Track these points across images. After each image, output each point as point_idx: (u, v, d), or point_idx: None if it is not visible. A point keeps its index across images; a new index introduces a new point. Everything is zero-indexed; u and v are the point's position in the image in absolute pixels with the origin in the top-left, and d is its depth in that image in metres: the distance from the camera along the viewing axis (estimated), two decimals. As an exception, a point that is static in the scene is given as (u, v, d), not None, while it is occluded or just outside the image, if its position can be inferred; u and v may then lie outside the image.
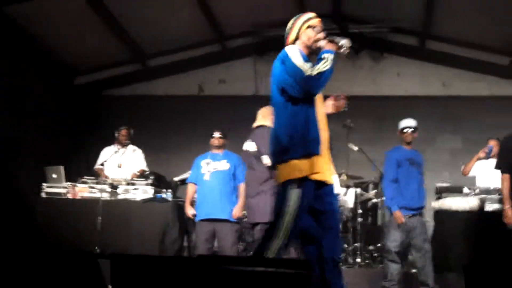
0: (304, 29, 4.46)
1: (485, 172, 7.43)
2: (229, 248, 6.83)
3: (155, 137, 10.48)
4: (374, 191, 8.18)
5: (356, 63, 10.89)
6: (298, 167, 4.09)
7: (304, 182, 4.08)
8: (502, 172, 5.85)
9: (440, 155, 9.10)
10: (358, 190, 8.06)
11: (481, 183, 7.26)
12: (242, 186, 7.01)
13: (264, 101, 10.66)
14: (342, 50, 4.26)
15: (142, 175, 8.02)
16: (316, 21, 4.51)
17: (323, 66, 4.10)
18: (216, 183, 7.02)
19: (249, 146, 5.88)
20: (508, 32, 9.05)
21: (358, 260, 7.67)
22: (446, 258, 6.61)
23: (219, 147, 7.26)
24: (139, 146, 8.43)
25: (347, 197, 8.06)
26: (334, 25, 10.29)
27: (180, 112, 11.04)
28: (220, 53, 11.14)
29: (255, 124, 6.04)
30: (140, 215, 7.34)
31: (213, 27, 10.28)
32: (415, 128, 6.75)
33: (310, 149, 4.10)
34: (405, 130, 6.73)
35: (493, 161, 7.34)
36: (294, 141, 4.14)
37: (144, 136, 9.27)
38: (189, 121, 10.87)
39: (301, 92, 4.15)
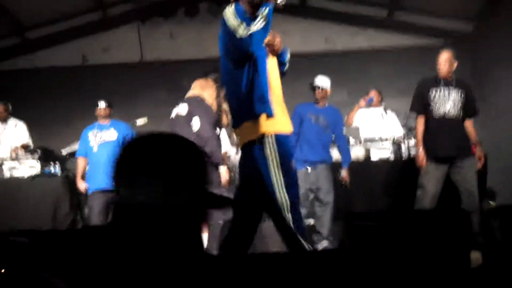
0: None
1: (368, 122, 7.67)
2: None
3: (40, 110, 10.12)
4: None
5: (240, 24, 10.91)
6: (252, 128, 4.08)
7: (275, 137, 4.08)
8: (417, 114, 6.21)
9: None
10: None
11: (365, 133, 7.51)
12: None
13: (150, 66, 10.71)
14: (278, 2, 4.07)
15: (27, 149, 7.74)
16: None
17: (256, 25, 3.95)
18: (106, 154, 6.86)
19: (181, 108, 5.71)
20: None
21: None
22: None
23: (105, 117, 7.13)
24: (24, 120, 8.14)
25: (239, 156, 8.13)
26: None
27: (65, 83, 10.68)
28: (102, 20, 10.84)
29: (190, 94, 5.87)
30: (28, 192, 7.12)
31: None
32: (322, 88, 6.88)
33: (260, 110, 4.06)
34: (315, 88, 6.91)
35: (374, 110, 7.63)
36: (243, 104, 4.12)
37: (29, 110, 8.99)
38: (74, 92, 10.53)
39: (236, 54, 4.09)
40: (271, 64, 4.21)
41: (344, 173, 6.78)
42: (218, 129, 5.76)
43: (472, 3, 9.31)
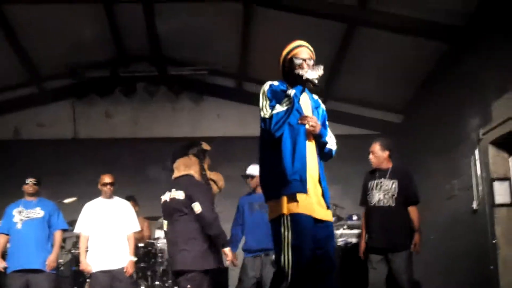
0: (287, 59, 4.25)
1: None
2: (45, 300, 6.57)
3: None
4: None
5: (176, 105, 11.00)
6: (279, 206, 4.00)
7: (290, 217, 3.98)
8: (361, 205, 6.63)
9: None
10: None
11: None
12: (57, 234, 6.89)
13: (84, 143, 10.60)
14: (309, 83, 4.05)
15: None
16: (297, 51, 4.24)
17: (277, 108, 3.96)
18: (30, 232, 6.72)
19: (177, 194, 5.59)
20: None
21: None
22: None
23: (32, 194, 6.97)
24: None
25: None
26: (153, 67, 10.36)
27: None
28: (37, 95, 10.74)
29: (178, 174, 5.76)
30: None
31: (28, 68, 9.89)
32: (253, 176, 7.01)
33: (289, 189, 3.99)
34: (247, 177, 7.00)
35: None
36: (273, 180, 4.07)
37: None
38: (6, 166, 10.31)
39: (263, 133, 4.08)
40: (309, 146, 4.14)
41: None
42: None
43: (400, 97, 9.66)
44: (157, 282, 7.80)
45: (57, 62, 9.90)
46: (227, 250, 5.70)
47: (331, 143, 4.28)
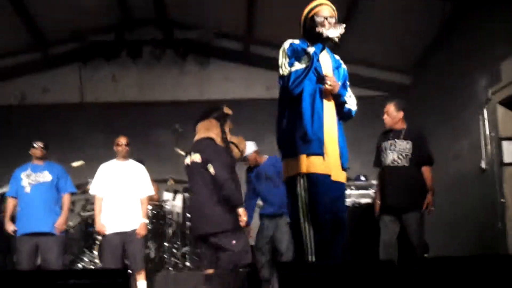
0: (309, 18, 4.21)
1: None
2: (54, 262, 6.61)
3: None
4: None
5: (183, 68, 10.94)
6: (296, 164, 4.01)
7: (306, 177, 4.00)
8: (375, 167, 6.64)
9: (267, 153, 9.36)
10: (186, 194, 8.09)
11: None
12: (66, 197, 6.90)
13: (90, 107, 10.59)
14: (330, 41, 4.03)
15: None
16: (319, 9, 4.19)
17: (295, 66, 3.95)
18: (38, 195, 6.73)
19: (195, 157, 5.71)
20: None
21: (188, 264, 7.71)
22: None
23: (40, 158, 6.97)
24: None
25: (176, 202, 8.10)
26: (158, 30, 10.30)
27: (1, 122, 10.49)
28: (42, 60, 10.70)
29: (198, 137, 5.86)
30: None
31: (33, 33, 9.86)
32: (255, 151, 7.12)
33: (307, 148, 3.99)
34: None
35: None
36: (287, 140, 4.09)
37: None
38: (12, 131, 10.32)
39: (281, 91, 4.08)
40: (327, 105, 4.14)
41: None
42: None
43: (408, 58, 9.58)
44: (166, 244, 7.84)
45: (62, 26, 9.86)
46: (240, 210, 5.69)
47: (351, 103, 4.25)
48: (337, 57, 4.35)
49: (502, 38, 6.75)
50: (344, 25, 4.02)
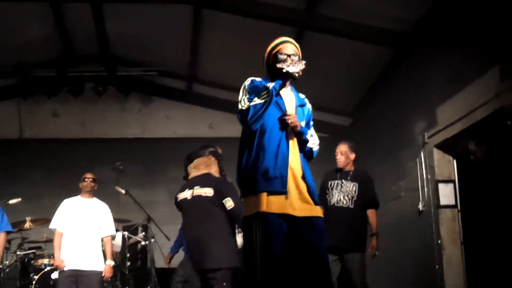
0: (272, 55, 4.14)
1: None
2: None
3: None
4: (143, 233, 8.14)
5: (125, 105, 10.91)
6: (251, 203, 3.90)
7: (260, 217, 3.85)
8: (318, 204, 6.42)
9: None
10: (126, 233, 7.99)
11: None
12: (1, 236, 6.77)
13: (29, 143, 10.39)
14: (291, 77, 3.98)
15: None
16: (282, 46, 4.15)
17: (255, 100, 3.88)
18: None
19: (204, 191, 5.55)
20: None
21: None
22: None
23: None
24: None
25: (115, 241, 7.96)
26: (102, 67, 10.25)
27: None
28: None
29: (198, 173, 5.74)
30: None
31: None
32: None
33: (260, 187, 3.87)
34: None
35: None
36: (246, 176, 3.97)
37: None
38: None
39: (242, 125, 3.99)
40: (291, 142, 4.03)
41: None
42: None
43: (348, 100, 9.81)
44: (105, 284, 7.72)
45: (3, 60, 9.70)
46: (241, 237, 5.68)
47: (313, 142, 4.18)
48: (302, 95, 4.31)
49: (439, 83, 6.97)
50: (304, 62, 3.97)
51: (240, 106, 3.97)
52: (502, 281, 5.97)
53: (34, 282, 7.24)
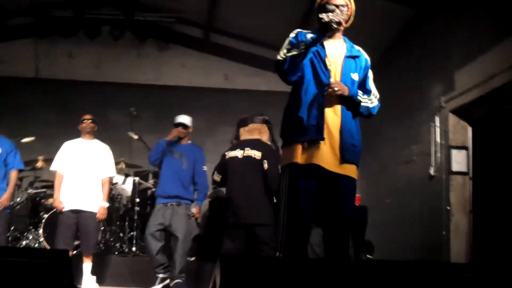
0: (322, 5, 3.98)
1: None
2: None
3: None
4: (153, 180, 8.17)
5: (141, 51, 10.84)
6: (285, 155, 3.96)
7: (291, 167, 3.89)
8: None
9: (219, 146, 9.34)
10: (137, 178, 8.04)
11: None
12: (13, 173, 6.78)
13: (45, 83, 10.39)
14: (329, 27, 3.87)
15: None
16: None
17: (296, 50, 3.83)
18: (-14, 168, 6.63)
19: (254, 153, 6.10)
20: (287, 30, 9.53)
21: (134, 248, 7.67)
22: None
23: (-9, 132, 6.83)
24: None
25: (125, 186, 8.03)
26: (119, 11, 10.15)
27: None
28: (-1, 31, 10.46)
29: (251, 137, 6.26)
30: None
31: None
32: (186, 126, 6.91)
33: (295, 137, 3.88)
34: (177, 126, 6.91)
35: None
36: (284, 128, 4.00)
37: None
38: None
39: (279, 77, 3.96)
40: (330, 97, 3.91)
41: (194, 209, 6.84)
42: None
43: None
44: (113, 227, 7.82)
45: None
46: None
47: (369, 99, 4.09)
48: (357, 47, 4.17)
49: (459, 47, 6.88)
50: (347, 11, 3.97)
51: (277, 56, 3.92)
52: (508, 251, 5.98)
53: (43, 221, 7.35)
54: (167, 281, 6.56)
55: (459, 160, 7.00)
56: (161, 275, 6.59)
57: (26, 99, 10.31)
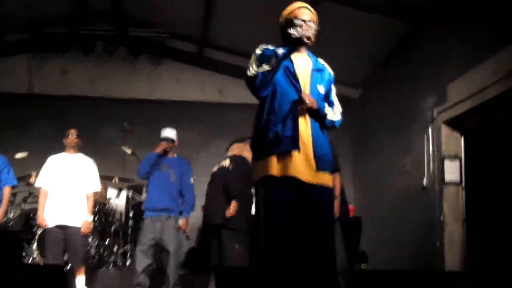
0: (287, 20, 4.08)
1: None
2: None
3: None
4: (146, 194, 8.18)
5: (135, 66, 10.86)
6: (259, 168, 3.95)
7: (265, 181, 3.89)
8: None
9: (213, 159, 9.37)
10: (131, 193, 8.06)
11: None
12: (6, 190, 6.78)
13: (39, 99, 10.40)
14: (300, 42, 3.97)
15: None
16: (300, 12, 4.08)
17: (267, 66, 3.87)
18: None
19: (225, 163, 6.89)
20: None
21: (128, 262, 7.67)
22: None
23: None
24: None
25: (119, 200, 8.05)
26: (113, 26, 10.20)
27: None
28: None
29: (230, 153, 7.09)
30: None
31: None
32: (168, 139, 6.96)
33: (269, 149, 3.90)
34: (162, 140, 6.96)
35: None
36: (257, 141, 4.02)
37: None
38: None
39: (250, 91, 4.00)
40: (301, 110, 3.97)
41: (181, 221, 6.85)
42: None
43: (358, 72, 9.76)
44: (107, 242, 7.81)
45: (16, 15, 9.66)
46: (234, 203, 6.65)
47: (333, 113, 4.15)
48: (321, 61, 4.25)
49: (452, 60, 6.92)
50: (316, 28, 3.99)
51: (248, 73, 3.95)
52: (502, 260, 5.99)
53: (36, 237, 7.33)
54: None
55: (452, 170, 7.02)
56: None
57: (20, 114, 10.32)
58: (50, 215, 6.61)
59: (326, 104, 4.12)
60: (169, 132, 7.01)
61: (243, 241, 6.34)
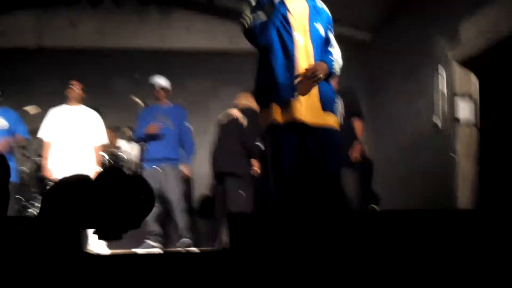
0: None
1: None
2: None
3: None
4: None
5: (144, 16, 10.72)
6: (264, 117, 3.96)
7: (271, 129, 3.92)
8: None
9: (224, 108, 9.33)
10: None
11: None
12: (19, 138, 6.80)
13: (48, 53, 10.35)
14: None
15: None
16: None
17: (263, 15, 3.86)
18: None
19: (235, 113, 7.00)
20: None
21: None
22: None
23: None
24: None
25: (131, 150, 8.05)
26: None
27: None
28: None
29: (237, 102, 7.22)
30: None
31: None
32: (159, 87, 6.91)
33: (271, 98, 3.90)
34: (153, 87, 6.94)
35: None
36: (260, 92, 4.04)
37: None
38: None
39: (248, 41, 4.00)
40: (302, 51, 3.94)
41: (184, 169, 6.85)
42: None
43: (369, 15, 9.59)
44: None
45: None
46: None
47: (338, 64, 4.13)
48: (319, 3, 4.18)
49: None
50: None
51: (245, 24, 3.91)
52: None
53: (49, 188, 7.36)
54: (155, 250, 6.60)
55: (466, 111, 6.95)
56: (151, 243, 6.61)
57: (29, 69, 10.29)
58: (56, 167, 6.58)
59: (330, 56, 4.08)
60: (163, 81, 6.97)
61: (247, 188, 6.37)
